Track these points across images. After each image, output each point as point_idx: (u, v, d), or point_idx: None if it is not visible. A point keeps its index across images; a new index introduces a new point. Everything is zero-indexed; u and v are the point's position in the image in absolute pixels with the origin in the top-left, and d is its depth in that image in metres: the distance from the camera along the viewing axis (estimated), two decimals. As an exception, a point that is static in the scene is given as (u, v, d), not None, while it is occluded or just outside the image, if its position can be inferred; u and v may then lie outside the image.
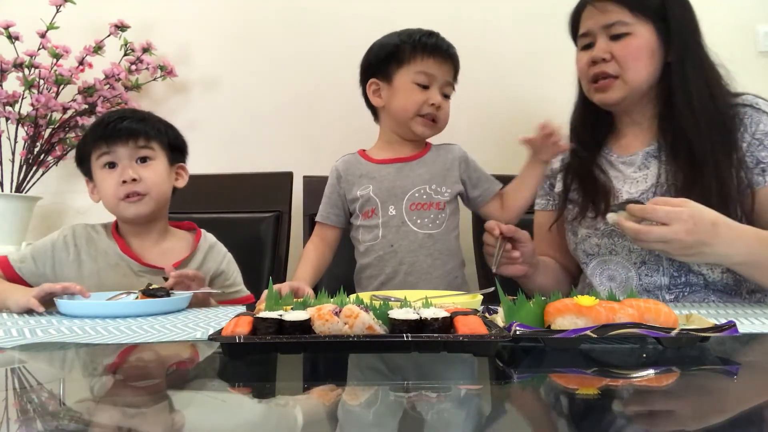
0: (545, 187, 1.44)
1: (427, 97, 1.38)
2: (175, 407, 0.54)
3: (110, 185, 1.27)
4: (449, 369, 0.66)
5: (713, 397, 0.57)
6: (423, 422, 0.48)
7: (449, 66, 1.41)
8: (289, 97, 2.03)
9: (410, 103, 1.38)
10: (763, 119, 1.19)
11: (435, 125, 1.41)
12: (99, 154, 1.28)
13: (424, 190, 1.39)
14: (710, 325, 0.70)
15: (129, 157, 1.27)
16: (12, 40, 1.82)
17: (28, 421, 0.49)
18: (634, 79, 1.22)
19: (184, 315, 1.04)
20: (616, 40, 1.22)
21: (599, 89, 1.26)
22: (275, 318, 0.67)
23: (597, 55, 1.23)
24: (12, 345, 0.78)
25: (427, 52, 1.38)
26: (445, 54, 1.40)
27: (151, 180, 1.28)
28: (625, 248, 1.25)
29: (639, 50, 1.21)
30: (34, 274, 1.26)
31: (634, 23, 1.21)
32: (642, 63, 1.21)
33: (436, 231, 1.38)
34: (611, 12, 1.22)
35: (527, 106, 2.02)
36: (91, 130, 1.32)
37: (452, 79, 1.42)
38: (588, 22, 1.26)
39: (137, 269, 1.28)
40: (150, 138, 1.30)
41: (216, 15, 2.05)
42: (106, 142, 1.27)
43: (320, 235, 1.48)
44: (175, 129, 1.38)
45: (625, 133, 1.33)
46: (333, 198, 1.47)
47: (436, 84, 1.39)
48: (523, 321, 0.70)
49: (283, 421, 0.49)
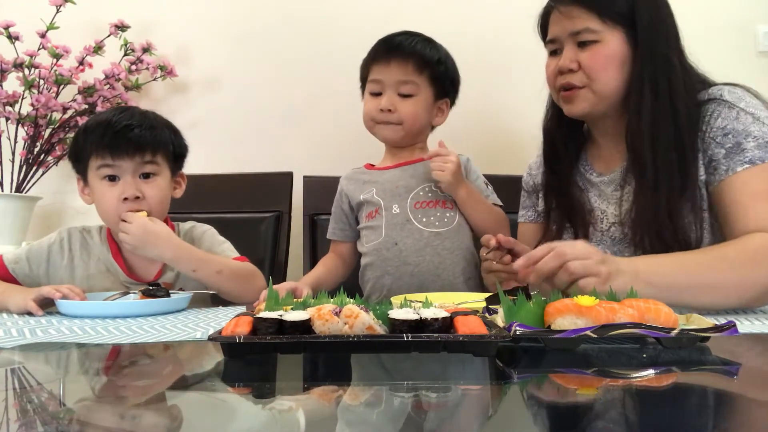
0: (532, 198, 1.38)
1: (377, 104, 1.37)
2: (175, 408, 0.54)
3: (110, 200, 1.21)
4: (449, 369, 0.66)
5: (713, 397, 0.57)
6: (423, 422, 0.48)
7: (399, 64, 1.35)
8: (289, 97, 2.03)
9: (366, 114, 1.41)
10: (723, 112, 1.09)
11: (398, 127, 1.38)
12: (100, 164, 1.21)
13: (429, 188, 1.36)
14: (710, 325, 0.70)
15: (133, 171, 1.21)
16: (12, 40, 1.82)
17: (28, 422, 0.49)
18: (602, 90, 1.15)
19: (184, 315, 1.04)
20: (584, 47, 1.15)
21: (565, 99, 1.19)
22: (275, 318, 0.66)
23: (563, 65, 1.16)
24: (12, 345, 0.78)
25: (375, 59, 1.38)
26: (392, 52, 1.35)
27: (155, 198, 1.23)
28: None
29: (607, 59, 1.13)
30: (28, 275, 1.25)
31: (603, 30, 1.13)
32: (611, 73, 1.14)
33: (445, 229, 1.34)
34: (578, 18, 1.14)
35: (530, 107, 2.03)
36: (93, 131, 1.21)
37: (411, 76, 1.35)
38: (554, 28, 1.19)
39: (122, 279, 1.27)
40: (156, 151, 1.23)
41: (216, 15, 2.05)
42: (111, 152, 1.19)
43: (333, 249, 1.50)
44: (179, 135, 1.32)
45: (601, 144, 1.26)
46: (337, 213, 1.47)
47: (389, 87, 1.36)
48: (523, 321, 0.70)
49: (283, 421, 0.49)
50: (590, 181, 1.26)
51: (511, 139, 2.01)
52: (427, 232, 1.34)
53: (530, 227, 1.38)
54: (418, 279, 1.32)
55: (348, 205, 1.44)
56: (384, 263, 1.35)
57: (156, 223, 1.20)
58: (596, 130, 1.27)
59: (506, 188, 1.48)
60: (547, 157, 1.30)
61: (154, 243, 1.18)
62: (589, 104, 1.17)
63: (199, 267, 1.21)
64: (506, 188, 1.48)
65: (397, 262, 1.34)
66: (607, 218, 1.21)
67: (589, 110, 1.18)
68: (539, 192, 1.35)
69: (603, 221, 1.21)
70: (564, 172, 1.27)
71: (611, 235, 1.20)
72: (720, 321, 0.72)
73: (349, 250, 1.47)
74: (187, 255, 1.21)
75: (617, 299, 0.74)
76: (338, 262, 1.47)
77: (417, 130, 1.41)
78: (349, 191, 1.44)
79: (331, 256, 1.48)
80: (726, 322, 0.70)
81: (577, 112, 1.19)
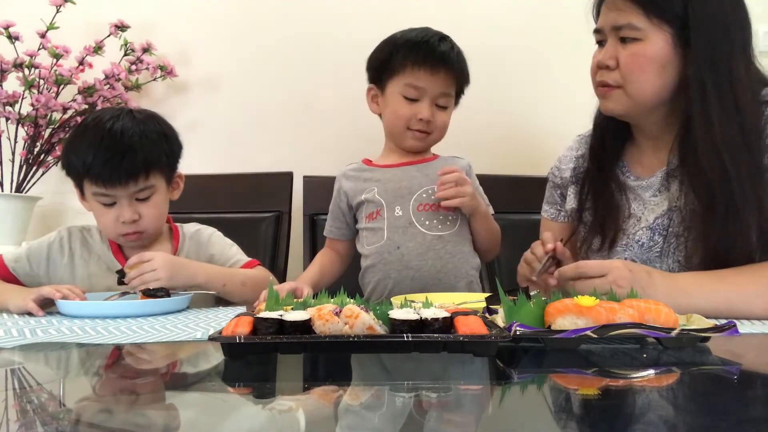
0: (555, 196, 1.35)
1: (416, 112, 1.33)
2: (175, 408, 0.54)
3: (108, 221, 1.21)
4: (449, 369, 0.66)
5: (713, 397, 0.57)
6: (423, 422, 0.48)
7: (445, 75, 1.32)
8: (289, 97, 2.03)
9: (397, 118, 1.35)
10: None
11: (427, 137, 1.37)
12: (95, 191, 1.19)
13: (433, 191, 1.33)
14: (710, 326, 0.70)
15: (129, 196, 1.20)
16: (12, 40, 1.82)
17: (27, 422, 0.49)
18: (636, 93, 1.09)
19: (184, 315, 1.04)
20: (625, 44, 1.09)
21: (600, 96, 1.16)
22: (275, 318, 0.66)
23: (602, 60, 1.12)
24: (12, 345, 0.78)
25: (417, 62, 1.30)
26: (440, 63, 1.31)
27: (151, 217, 1.23)
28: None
29: (647, 60, 1.07)
30: (28, 274, 1.25)
31: (647, 29, 1.06)
32: (649, 76, 1.07)
33: (447, 233, 1.32)
34: (623, 12, 1.07)
35: (530, 107, 2.03)
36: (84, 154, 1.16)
37: (450, 89, 1.35)
38: (602, 18, 1.13)
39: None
40: (149, 172, 1.20)
41: (216, 15, 2.05)
42: (104, 184, 1.17)
43: (329, 245, 1.49)
44: (171, 137, 1.27)
45: (642, 147, 1.21)
46: (335, 212, 1.45)
47: (427, 97, 1.32)
48: (523, 321, 0.70)
49: (283, 421, 0.49)
50: (626, 184, 1.21)
51: (514, 139, 2.02)
52: (429, 236, 1.32)
53: (552, 225, 1.34)
54: (419, 282, 1.30)
55: (347, 204, 1.42)
56: (386, 267, 1.33)
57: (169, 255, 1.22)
58: (638, 133, 1.22)
59: (506, 189, 1.49)
60: (593, 153, 1.25)
61: (182, 270, 1.18)
62: (622, 106, 1.12)
63: (228, 281, 1.24)
64: (506, 189, 1.49)
65: (399, 266, 1.32)
66: (639, 223, 1.17)
67: (622, 112, 1.14)
68: (567, 188, 1.31)
69: (634, 226, 1.17)
70: (607, 170, 1.22)
71: (638, 239, 1.16)
72: (720, 321, 0.72)
73: (346, 247, 1.46)
74: (216, 273, 1.24)
75: (617, 299, 0.74)
76: (335, 258, 1.46)
77: (439, 141, 1.40)
78: (348, 190, 1.41)
79: (327, 252, 1.47)
80: (726, 322, 0.70)
81: (611, 111, 1.15)
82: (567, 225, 1.31)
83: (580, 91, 1.29)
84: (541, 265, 1.10)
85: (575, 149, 1.33)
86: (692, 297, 0.95)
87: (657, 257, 1.13)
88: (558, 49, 2.00)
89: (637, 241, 1.16)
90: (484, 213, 1.35)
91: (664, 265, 1.12)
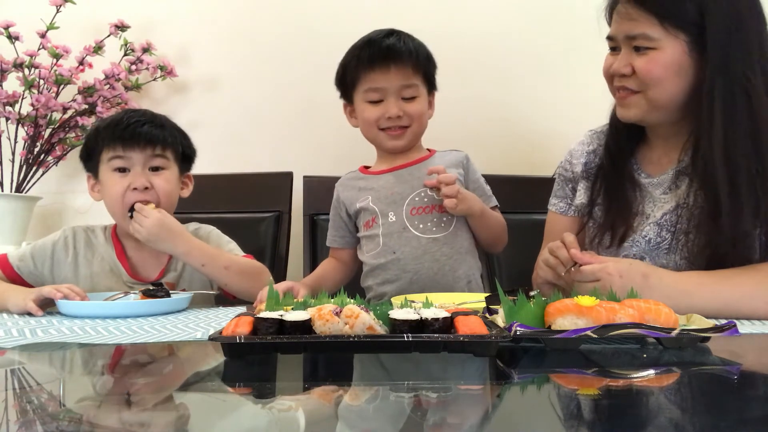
0: (567, 190, 1.33)
1: (383, 111, 1.32)
2: (175, 408, 0.54)
3: (119, 189, 1.24)
4: (450, 369, 0.66)
5: (713, 397, 0.57)
6: (423, 422, 0.48)
7: (399, 68, 1.30)
8: (289, 97, 2.03)
9: (367, 122, 1.35)
10: None
11: (405, 132, 1.35)
12: (112, 156, 1.25)
13: (425, 193, 1.32)
14: (711, 326, 0.70)
15: (143, 164, 1.25)
16: (12, 40, 1.82)
17: (27, 422, 0.49)
18: (657, 98, 1.09)
19: (185, 315, 1.04)
20: (639, 52, 1.09)
21: (620, 102, 1.16)
22: (276, 318, 0.66)
23: (617, 69, 1.11)
24: (12, 345, 0.78)
25: (368, 65, 1.31)
26: (389, 58, 1.30)
27: (163, 189, 1.26)
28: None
29: (663, 68, 1.07)
30: (32, 273, 1.26)
31: (662, 38, 1.06)
32: (666, 83, 1.08)
33: (442, 234, 1.32)
34: (636, 21, 1.07)
35: (530, 107, 2.03)
36: (106, 128, 1.27)
37: (410, 79, 1.32)
38: (614, 27, 1.13)
39: (125, 279, 1.28)
40: (166, 146, 1.28)
41: (216, 15, 2.05)
42: (123, 145, 1.24)
43: (333, 254, 1.49)
44: (188, 137, 1.36)
45: (654, 146, 1.22)
46: (336, 221, 1.46)
47: (390, 94, 1.31)
48: (523, 321, 0.70)
49: (283, 421, 0.49)
50: (637, 181, 1.21)
51: (514, 139, 2.01)
52: (424, 239, 1.31)
53: (560, 219, 1.33)
54: (418, 285, 1.30)
55: (346, 213, 1.42)
56: (383, 272, 1.34)
57: (169, 218, 1.24)
58: (652, 132, 1.22)
59: (507, 188, 1.48)
60: (608, 150, 1.25)
61: (167, 237, 1.21)
62: (641, 111, 1.13)
63: (209, 262, 1.24)
64: (507, 188, 1.48)
65: (396, 270, 1.32)
66: (646, 219, 1.17)
67: (641, 117, 1.14)
68: (577, 182, 1.31)
69: (642, 222, 1.18)
70: (621, 167, 1.22)
71: (645, 235, 1.16)
72: (720, 321, 0.72)
73: (349, 255, 1.46)
74: (198, 250, 1.24)
75: (617, 299, 0.74)
76: (338, 266, 1.46)
77: (422, 132, 1.39)
78: (346, 199, 1.42)
79: (331, 261, 1.47)
80: (726, 322, 0.70)
81: (629, 118, 1.15)
82: (576, 219, 1.30)
83: (581, 91, 1.29)
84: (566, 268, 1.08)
85: (587, 144, 1.32)
86: (693, 297, 0.95)
87: (665, 253, 1.14)
88: (558, 49, 2.00)
89: (644, 237, 1.16)
90: (479, 212, 1.32)
91: (672, 262, 1.13)
